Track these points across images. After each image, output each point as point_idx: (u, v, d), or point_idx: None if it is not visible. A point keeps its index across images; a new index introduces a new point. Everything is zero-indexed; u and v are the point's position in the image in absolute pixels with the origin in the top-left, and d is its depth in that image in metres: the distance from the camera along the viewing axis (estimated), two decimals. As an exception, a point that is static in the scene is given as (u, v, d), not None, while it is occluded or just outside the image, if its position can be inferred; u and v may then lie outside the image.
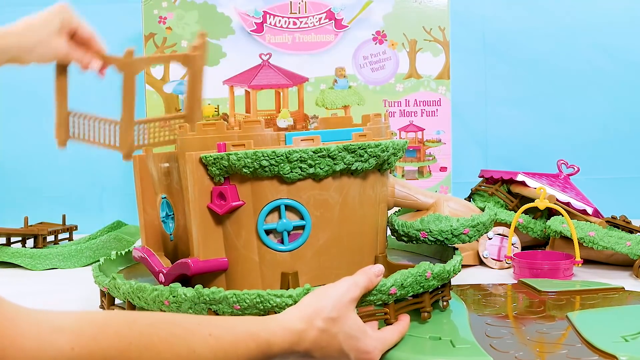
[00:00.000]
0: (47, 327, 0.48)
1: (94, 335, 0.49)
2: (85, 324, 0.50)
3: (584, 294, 0.92)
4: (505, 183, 1.27)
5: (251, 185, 0.76)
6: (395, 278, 0.74)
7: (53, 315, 0.49)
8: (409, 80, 1.23)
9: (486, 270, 1.14)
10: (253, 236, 0.77)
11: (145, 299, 0.76)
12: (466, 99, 1.61)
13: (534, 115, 1.67)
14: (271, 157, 0.73)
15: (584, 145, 1.65)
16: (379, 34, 1.23)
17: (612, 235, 1.07)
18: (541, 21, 1.65)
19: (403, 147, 0.85)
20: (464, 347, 0.70)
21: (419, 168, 1.25)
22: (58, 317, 0.49)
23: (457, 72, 1.34)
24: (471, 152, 1.64)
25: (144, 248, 0.87)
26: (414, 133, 1.24)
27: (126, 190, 1.65)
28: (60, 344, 0.47)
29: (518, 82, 1.66)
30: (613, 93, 1.66)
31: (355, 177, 0.80)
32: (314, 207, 0.77)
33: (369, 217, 0.83)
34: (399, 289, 0.73)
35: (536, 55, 1.65)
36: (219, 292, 0.70)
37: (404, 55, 1.23)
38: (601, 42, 1.65)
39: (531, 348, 0.70)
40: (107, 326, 0.51)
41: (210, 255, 0.78)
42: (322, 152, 0.75)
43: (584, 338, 0.72)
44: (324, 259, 0.79)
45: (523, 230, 1.18)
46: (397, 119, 1.24)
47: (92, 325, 0.50)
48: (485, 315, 0.83)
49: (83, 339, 0.48)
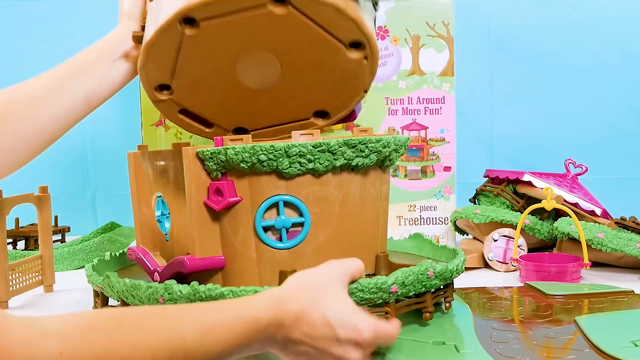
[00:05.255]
0: (36, 332, 0.47)
1: (83, 336, 0.48)
2: (73, 325, 0.49)
3: (592, 298, 0.92)
4: (511, 183, 1.26)
5: (249, 181, 0.75)
6: (397, 276, 0.72)
7: (42, 319, 0.48)
8: (412, 77, 1.22)
9: (492, 273, 1.13)
10: (251, 233, 0.76)
11: (139, 297, 0.75)
12: (471, 97, 1.61)
13: (540, 113, 1.66)
14: (269, 151, 0.72)
15: (592, 144, 1.64)
16: (381, 30, 1.21)
17: (621, 237, 1.06)
18: (548, 16, 1.64)
19: (405, 143, 0.84)
20: (469, 352, 0.69)
21: (422, 168, 1.23)
22: (46, 321, 0.48)
23: (462, 69, 1.33)
24: (476, 152, 1.63)
25: (139, 247, 0.86)
26: (417, 131, 1.23)
27: (120, 191, 1.65)
28: (50, 348, 0.46)
29: (524, 79, 1.65)
30: (622, 90, 1.64)
31: (356, 173, 0.79)
32: (313, 204, 0.76)
33: (370, 215, 0.82)
34: (400, 287, 0.72)
35: (543, 52, 1.64)
36: (216, 288, 0.69)
37: (406, 52, 1.21)
38: (610, 38, 1.63)
39: (538, 353, 0.69)
40: (95, 326, 0.50)
41: (207, 253, 0.77)
42: (322, 147, 0.74)
43: (593, 343, 0.71)
44: (323, 257, 0.77)
45: (529, 232, 1.17)
46: (400, 117, 1.22)
47: (80, 326, 0.49)
48: (490, 319, 0.83)
49: (71, 341, 0.48)
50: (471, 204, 1.30)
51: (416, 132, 1.23)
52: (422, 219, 1.23)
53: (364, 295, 0.70)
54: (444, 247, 0.92)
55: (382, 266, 0.85)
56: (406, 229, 1.20)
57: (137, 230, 0.89)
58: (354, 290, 0.70)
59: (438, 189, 1.24)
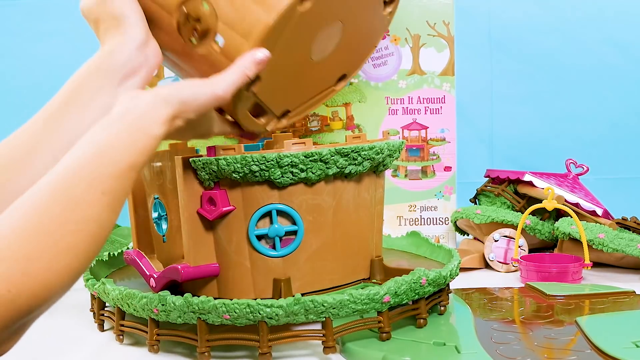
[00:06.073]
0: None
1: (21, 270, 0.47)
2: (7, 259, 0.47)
3: (593, 298, 0.91)
4: (511, 183, 1.25)
5: (242, 190, 0.74)
6: (389, 286, 0.72)
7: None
8: (412, 76, 1.21)
9: (492, 273, 1.12)
10: (244, 242, 0.75)
11: (134, 306, 0.75)
12: (471, 96, 1.60)
13: (541, 113, 1.65)
14: (261, 161, 0.71)
15: (593, 144, 1.63)
16: (381, 29, 1.20)
17: (622, 237, 1.06)
18: (549, 15, 1.63)
19: (399, 148, 0.83)
20: (470, 353, 0.69)
21: (423, 168, 1.23)
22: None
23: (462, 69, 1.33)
24: (477, 151, 1.63)
25: (135, 251, 0.86)
26: (417, 131, 1.22)
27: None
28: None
29: (525, 79, 1.64)
30: (624, 90, 1.64)
31: (349, 180, 0.78)
32: (306, 212, 0.75)
33: (364, 220, 0.82)
34: (392, 297, 0.72)
35: (544, 51, 1.63)
36: (208, 301, 0.69)
37: (407, 51, 1.20)
38: (611, 37, 1.63)
39: (539, 354, 0.69)
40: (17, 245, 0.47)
41: (200, 261, 0.76)
42: (314, 156, 0.73)
43: (594, 344, 0.71)
44: (317, 264, 0.77)
45: (530, 232, 1.16)
46: (400, 116, 1.22)
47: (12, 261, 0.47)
48: (491, 320, 0.82)
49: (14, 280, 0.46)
50: (472, 204, 1.30)
51: (416, 131, 1.22)
52: (422, 219, 1.23)
53: (356, 307, 0.70)
54: (441, 246, 0.92)
55: (377, 270, 0.85)
56: (406, 229, 1.20)
57: (133, 232, 0.89)
58: (346, 303, 0.69)
59: (438, 189, 1.23)
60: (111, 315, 0.82)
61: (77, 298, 1.01)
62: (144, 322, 0.77)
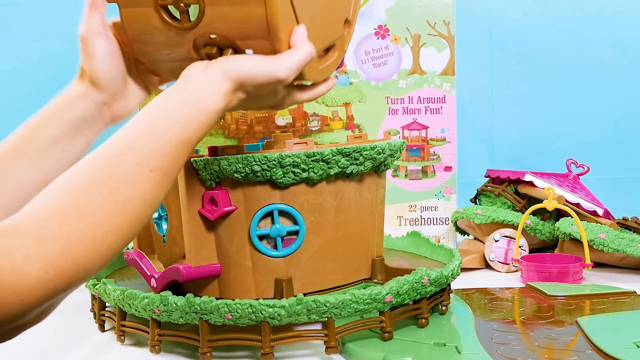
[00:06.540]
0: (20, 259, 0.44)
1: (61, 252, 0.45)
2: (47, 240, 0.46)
3: (594, 299, 0.91)
4: (512, 183, 1.25)
5: (243, 190, 0.74)
6: (391, 286, 0.72)
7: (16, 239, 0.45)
8: (413, 76, 1.21)
9: (493, 273, 1.12)
10: (246, 242, 0.75)
11: (135, 307, 0.75)
12: (472, 96, 1.60)
13: (542, 112, 1.65)
14: (263, 161, 0.71)
15: (594, 144, 1.63)
16: (381, 29, 1.20)
17: (623, 238, 1.06)
18: (550, 15, 1.63)
19: (400, 148, 0.83)
20: (470, 354, 0.69)
21: (423, 168, 1.23)
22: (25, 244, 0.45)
23: (463, 68, 1.33)
24: (477, 151, 1.62)
25: (135, 251, 0.85)
26: (418, 131, 1.22)
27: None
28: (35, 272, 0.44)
29: (525, 79, 1.64)
30: (624, 90, 1.63)
31: (351, 180, 0.78)
32: (308, 212, 0.75)
33: (366, 220, 0.82)
34: (394, 297, 0.72)
35: (544, 51, 1.63)
36: (211, 301, 0.69)
37: (407, 51, 1.20)
38: (612, 37, 1.62)
39: (539, 354, 0.69)
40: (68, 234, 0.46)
41: (202, 262, 0.76)
42: (316, 156, 0.73)
43: (594, 344, 0.71)
44: (319, 264, 0.77)
45: (531, 232, 1.16)
46: (400, 116, 1.22)
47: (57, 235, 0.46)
48: (491, 320, 0.82)
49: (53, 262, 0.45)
50: (472, 204, 1.29)
51: (417, 131, 1.22)
52: (422, 219, 1.23)
53: (358, 307, 0.70)
54: (441, 246, 0.92)
55: (378, 270, 0.85)
56: (407, 229, 1.20)
57: None
58: (348, 303, 0.69)
59: (439, 189, 1.23)
60: (112, 315, 0.82)
61: (77, 298, 1.01)
62: (145, 322, 0.77)
